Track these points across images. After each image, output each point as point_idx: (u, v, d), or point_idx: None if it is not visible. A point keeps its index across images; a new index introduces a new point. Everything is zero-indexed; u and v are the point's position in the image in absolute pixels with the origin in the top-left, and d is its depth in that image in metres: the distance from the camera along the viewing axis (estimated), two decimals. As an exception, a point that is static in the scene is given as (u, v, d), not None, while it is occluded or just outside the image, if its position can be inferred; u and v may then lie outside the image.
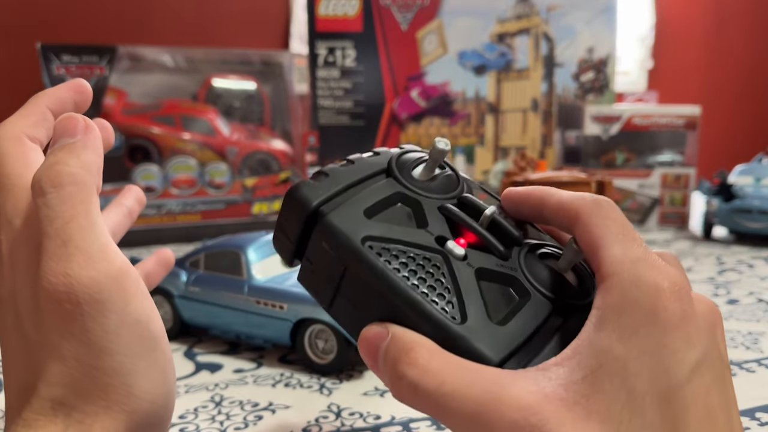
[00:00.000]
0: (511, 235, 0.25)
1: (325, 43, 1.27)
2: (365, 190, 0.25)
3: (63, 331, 0.21)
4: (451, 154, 1.32)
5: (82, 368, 0.21)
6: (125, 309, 0.22)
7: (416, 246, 0.23)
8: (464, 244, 0.24)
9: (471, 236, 0.24)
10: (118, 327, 0.22)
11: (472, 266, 0.23)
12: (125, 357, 0.22)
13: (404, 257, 0.23)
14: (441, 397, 0.19)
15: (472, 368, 0.20)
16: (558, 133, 1.32)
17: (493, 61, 1.29)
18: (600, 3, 1.28)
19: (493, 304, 0.22)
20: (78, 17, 1.55)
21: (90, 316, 0.21)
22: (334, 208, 0.24)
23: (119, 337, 0.22)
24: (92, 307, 0.21)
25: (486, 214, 0.25)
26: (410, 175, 0.26)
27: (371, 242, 0.23)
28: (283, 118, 1.21)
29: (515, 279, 0.23)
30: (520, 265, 0.24)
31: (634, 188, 1.19)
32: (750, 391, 0.47)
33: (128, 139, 1.06)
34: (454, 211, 0.25)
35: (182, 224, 1.09)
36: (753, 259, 0.92)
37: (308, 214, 0.24)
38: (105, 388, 0.22)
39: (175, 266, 0.61)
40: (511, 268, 0.24)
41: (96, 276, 0.22)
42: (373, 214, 0.24)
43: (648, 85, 2.03)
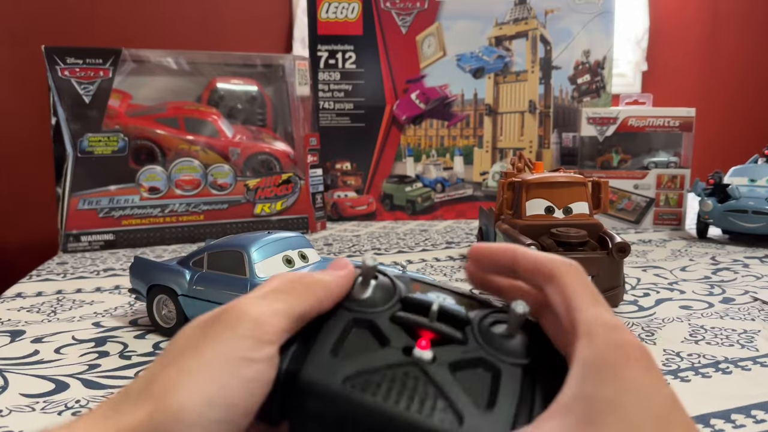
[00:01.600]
0: (460, 318, 0.26)
1: (326, 46, 1.28)
2: (321, 330, 0.26)
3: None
4: (450, 156, 1.34)
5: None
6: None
7: (390, 367, 0.24)
8: (427, 344, 0.25)
9: (428, 334, 0.25)
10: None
11: (443, 363, 0.24)
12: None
13: (386, 383, 0.23)
14: None
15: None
16: (555, 135, 1.33)
17: (491, 63, 1.30)
18: (596, 6, 1.29)
19: (474, 391, 0.24)
20: (82, 20, 1.56)
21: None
22: (302, 363, 0.24)
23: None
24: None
25: (433, 309, 0.26)
26: (352, 298, 0.27)
27: (351, 381, 0.23)
28: (284, 120, 1.23)
29: (482, 359, 0.25)
30: (479, 343, 0.25)
31: (630, 189, 1.20)
32: (745, 390, 0.48)
33: (132, 140, 1.08)
34: (404, 317, 0.26)
35: (186, 224, 1.10)
36: (747, 259, 0.93)
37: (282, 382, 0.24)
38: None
39: (179, 265, 0.62)
40: (474, 349, 0.25)
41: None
42: (338, 351, 0.25)
43: (643, 87, 2.04)
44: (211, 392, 0.22)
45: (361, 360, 0.24)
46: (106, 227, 1.06)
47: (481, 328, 0.26)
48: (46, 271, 0.91)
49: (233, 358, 0.22)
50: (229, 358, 0.22)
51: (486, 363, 0.25)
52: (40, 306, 0.74)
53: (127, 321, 0.67)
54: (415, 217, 1.34)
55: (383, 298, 0.27)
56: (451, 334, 0.25)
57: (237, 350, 0.23)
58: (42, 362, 0.56)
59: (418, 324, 0.25)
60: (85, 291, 0.80)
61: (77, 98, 1.03)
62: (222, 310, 0.24)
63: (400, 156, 1.33)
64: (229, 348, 0.23)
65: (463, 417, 0.22)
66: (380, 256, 0.99)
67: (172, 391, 0.21)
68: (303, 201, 1.18)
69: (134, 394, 0.22)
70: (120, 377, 0.52)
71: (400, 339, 0.25)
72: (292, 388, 0.24)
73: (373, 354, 0.24)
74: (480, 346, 0.25)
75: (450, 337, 0.25)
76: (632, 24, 2.01)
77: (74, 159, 1.03)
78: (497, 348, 0.25)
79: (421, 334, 0.25)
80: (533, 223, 0.71)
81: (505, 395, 0.23)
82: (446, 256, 0.98)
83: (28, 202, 1.54)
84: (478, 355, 0.25)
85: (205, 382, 0.22)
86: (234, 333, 0.23)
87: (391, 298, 0.27)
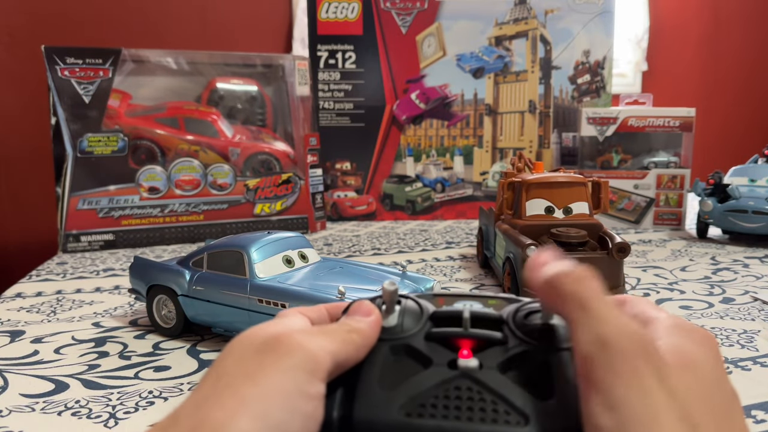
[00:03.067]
0: (494, 319, 0.26)
1: (326, 46, 1.28)
2: (361, 369, 0.25)
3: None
4: (450, 156, 1.34)
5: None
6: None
7: (441, 385, 0.23)
8: (469, 353, 0.24)
9: (467, 343, 0.25)
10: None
11: (491, 367, 0.24)
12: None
13: (441, 401, 0.23)
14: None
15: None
16: (555, 135, 1.33)
17: (491, 63, 1.30)
18: (596, 6, 1.29)
19: (531, 386, 0.23)
20: (82, 20, 1.56)
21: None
22: (352, 405, 0.23)
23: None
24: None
25: (465, 317, 0.25)
26: (383, 328, 0.26)
27: (407, 409, 0.23)
28: (284, 120, 1.23)
29: (527, 352, 0.25)
30: (520, 338, 0.25)
31: (630, 189, 1.20)
32: (746, 390, 0.48)
33: (132, 140, 1.08)
34: (439, 332, 0.25)
35: (185, 224, 1.10)
36: (747, 259, 0.93)
37: (337, 429, 0.23)
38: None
39: (178, 265, 0.62)
40: (516, 345, 0.25)
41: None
42: (385, 383, 0.24)
43: (643, 87, 2.04)
44: (272, 426, 0.20)
45: (410, 386, 0.23)
46: (106, 227, 1.06)
47: (516, 323, 0.26)
48: (45, 271, 0.91)
49: (293, 392, 0.21)
50: (288, 390, 0.21)
51: (533, 355, 0.24)
52: (39, 306, 0.74)
53: (126, 321, 0.67)
54: (415, 217, 1.34)
55: (413, 320, 0.27)
56: (490, 337, 0.25)
57: (296, 383, 0.22)
58: (42, 362, 0.56)
59: (454, 335, 0.25)
60: (85, 291, 0.80)
61: (77, 98, 1.03)
62: (274, 338, 0.23)
63: (400, 156, 1.33)
64: (288, 380, 0.22)
65: (527, 415, 0.22)
66: (380, 256, 0.99)
67: (230, 423, 0.20)
68: (303, 201, 1.18)
69: (185, 422, 0.21)
70: (120, 377, 0.52)
71: (442, 355, 0.25)
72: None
73: (419, 377, 0.24)
74: (521, 341, 0.25)
75: (490, 340, 0.25)
76: (632, 24, 2.01)
77: (74, 159, 1.03)
78: (538, 338, 0.25)
79: (460, 344, 0.25)
80: (533, 223, 0.71)
81: (561, 381, 0.23)
82: (446, 256, 0.98)
83: (27, 202, 1.54)
84: (522, 349, 0.24)
85: (266, 415, 0.20)
86: (292, 364, 0.22)
87: (421, 317, 0.27)
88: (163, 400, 0.48)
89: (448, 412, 0.22)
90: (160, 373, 0.53)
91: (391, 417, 0.23)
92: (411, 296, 0.28)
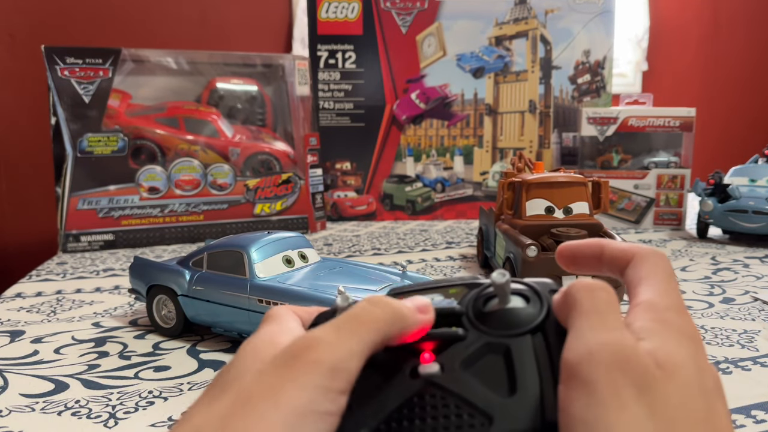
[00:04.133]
0: (454, 313, 0.25)
1: (326, 46, 1.28)
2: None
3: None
4: (450, 156, 1.34)
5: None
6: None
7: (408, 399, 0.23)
8: (430, 356, 0.23)
9: (428, 344, 0.24)
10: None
11: (454, 368, 0.23)
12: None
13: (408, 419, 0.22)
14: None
15: None
16: (555, 135, 1.33)
17: (492, 63, 1.30)
18: (597, 6, 1.29)
19: (494, 381, 0.22)
20: (82, 20, 1.56)
21: None
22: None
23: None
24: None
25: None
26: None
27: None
28: (284, 120, 1.23)
29: (488, 344, 0.24)
30: (480, 329, 0.24)
31: (630, 189, 1.20)
32: (745, 390, 0.48)
33: (132, 140, 1.08)
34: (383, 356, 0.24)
35: (185, 224, 1.10)
36: (748, 259, 0.93)
37: None
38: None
39: (178, 265, 0.62)
40: (477, 338, 0.24)
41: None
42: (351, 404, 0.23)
43: (643, 87, 2.04)
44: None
45: (377, 405, 0.23)
46: (106, 227, 1.06)
47: (475, 312, 0.24)
48: (45, 271, 0.91)
49: (314, 412, 0.21)
50: (310, 411, 0.21)
51: (493, 346, 0.23)
52: (39, 306, 0.74)
53: (126, 321, 0.67)
54: (415, 217, 1.34)
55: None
56: (448, 335, 0.24)
57: (316, 404, 0.21)
58: (42, 362, 0.56)
59: (403, 349, 0.24)
60: (85, 291, 0.80)
61: (77, 98, 1.03)
62: (297, 347, 0.22)
63: (400, 156, 1.33)
64: (308, 400, 0.21)
65: (492, 416, 0.21)
66: (380, 256, 0.99)
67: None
68: (303, 201, 1.18)
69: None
70: (120, 377, 0.52)
71: (403, 363, 0.24)
72: None
73: (385, 393, 0.23)
74: (482, 332, 0.24)
75: (450, 337, 0.24)
76: (632, 24, 2.01)
77: (74, 159, 1.03)
78: (497, 326, 0.24)
79: (422, 347, 0.24)
80: (533, 223, 0.71)
81: (523, 370, 0.22)
82: (446, 256, 0.98)
83: (27, 202, 1.54)
84: (483, 341, 0.23)
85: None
86: (312, 382, 0.21)
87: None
88: (163, 400, 0.48)
89: (414, 427, 0.22)
90: (160, 373, 0.53)
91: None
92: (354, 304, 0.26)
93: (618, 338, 0.21)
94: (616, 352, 0.20)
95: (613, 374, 0.20)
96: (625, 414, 0.19)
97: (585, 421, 0.19)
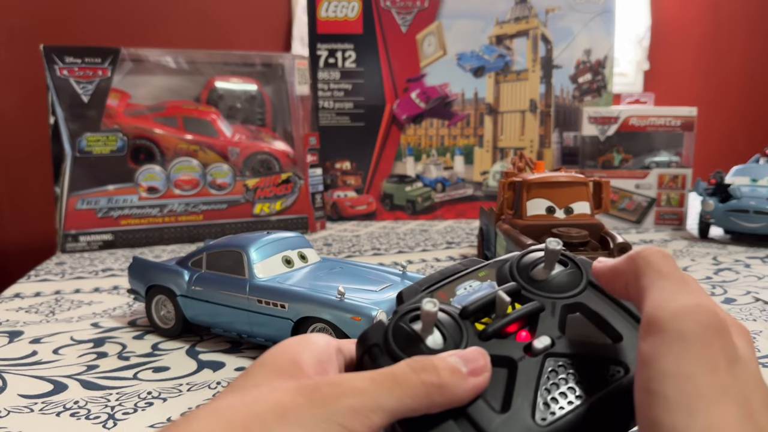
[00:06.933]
0: (514, 292, 0.27)
1: (326, 45, 1.28)
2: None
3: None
4: (450, 155, 1.34)
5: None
6: None
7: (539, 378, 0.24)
8: (527, 334, 0.25)
9: (513, 326, 0.26)
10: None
11: (556, 336, 0.25)
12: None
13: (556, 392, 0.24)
14: None
15: None
16: (556, 134, 1.33)
17: (492, 62, 1.30)
18: (598, 5, 1.29)
19: (594, 333, 0.26)
20: (81, 19, 1.56)
21: None
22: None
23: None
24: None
25: (503, 299, 0.25)
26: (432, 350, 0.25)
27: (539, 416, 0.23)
28: (284, 120, 1.22)
29: (569, 305, 0.26)
30: (552, 297, 0.26)
31: (631, 188, 1.20)
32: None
33: (131, 140, 1.07)
34: (490, 331, 0.25)
35: (184, 224, 1.10)
36: (749, 259, 0.93)
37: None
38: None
39: (177, 266, 0.62)
40: (554, 306, 0.26)
41: None
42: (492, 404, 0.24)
43: (644, 86, 2.04)
44: None
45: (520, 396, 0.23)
46: (105, 227, 1.05)
47: (531, 284, 0.27)
48: (44, 271, 0.91)
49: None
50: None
51: (570, 307, 0.26)
52: (38, 306, 0.73)
53: (125, 321, 0.67)
54: (415, 217, 1.33)
55: (456, 331, 0.25)
56: (532, 310, 0.26)
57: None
58: (40, 363, 0.55)
59: (503, 326, 0.25)
60: (84, 291, 0.80)
61: (76, 98, 1.03)
62: (328, 381, 0.22)
63: (400, 155, 1.33)
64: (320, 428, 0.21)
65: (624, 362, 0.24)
66: (380, 256, 0.98)
67: None
68: (302, 201, 1.18)
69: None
70: (119, 378, 0.52)
71: (509, 349, 0.25)
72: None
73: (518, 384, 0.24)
74: (553, 299, 0.26)
75: (534, 311, 0.26)
76: (633, 23, 2.01)
77: (73, 159, 1.03)
78: (559, 290, 0.27)
79: (508, 331, 0.25)
80: (534, 223, 0.70)
81: (613, 318, 0.25)
82: (446, 256, 0.98)
83: (26, 202, 1.54)
84: (560, 305, 0.26)
85: None
86: (329, 415, 0.21)
87: (458, 324, 0.26)
88: (162, 401, 0.47)
89: (568, 396, 0.23)
90: (159, 374, 0.53)
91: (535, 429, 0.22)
92: (442, 308, 0.26)
93: (711, 305, 0.22)
94: (712, 317, 0.21)
95: (709, 336, 0.21)
96: (716, 377, 0.20)
97: (676, 374, 0.20)
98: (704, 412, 0.19)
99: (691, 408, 0.19)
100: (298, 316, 0.52)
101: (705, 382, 0.20)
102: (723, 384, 0.20)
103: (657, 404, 0.20)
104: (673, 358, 0.20)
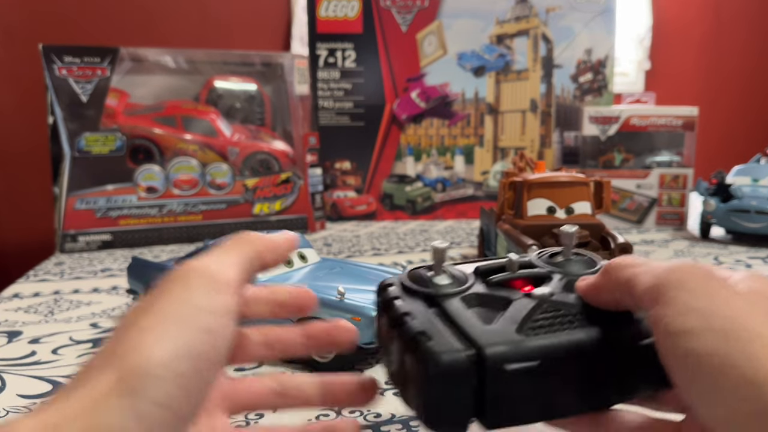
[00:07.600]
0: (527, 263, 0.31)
1: (326, 45, 1.27)
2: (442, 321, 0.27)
3: None
4: (451, 155, 1.33)
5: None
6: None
7: (532, 310, 0.27)
8: (531, 287, 0.29)
9: (520, 283, 0.29)
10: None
11: (558, 291, 0.28)
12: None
13: (542, 322, 0.26)
14: None
15: None
16: (556, 134, 1.33)
17: (492, 62, 1.30)
18: (598, 4, 1.29)
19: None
20: (80, 18, 1.56)
21: None
22: (492, 342, 0.25)
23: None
24: None
25: (514, 260, 0.30)
26: (438, 285, 0.29)
27: (523, 332, 0.26)
28: (283, 119, 1.22)
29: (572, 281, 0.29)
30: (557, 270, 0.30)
31: (632, 188, 1.19)
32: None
33: (130, 139, 1.07)
34: (499, 278, 0.29)
35: (184, 224, 1.10)
36: (750, 259, 0.93)
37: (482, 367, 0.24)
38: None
39: (177, 266, 0.61)
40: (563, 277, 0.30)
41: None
42: (482, 323, 0.27)
43: (646, 86, 2.04)
44: (176, 345, 0.22)
45: (510, 318, 0.26)
46: (104, 227, 1.05)
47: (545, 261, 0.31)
48: (43, 271, 0.91)
49: (189, 310, 0.23)
50: (185, 310, 0.23)
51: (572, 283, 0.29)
52: (37, 306, 0.73)
53: (124, 322, 0.66)
54: (415, 217, 1.33)
55: (463, 277, 0.30)
56: (541, 273, 0.30)
57: (192, 302, 0.24)
58: (39, 363, 0.55)
59: (511, 278, 0.29)
60: (83, 291, 0.79)
61: (74, 97, 1.03)
62: (173, 272, 0.25)
63: (400, 155, 1.32)
64: (184, 301, 0.24)
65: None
66: (380, 256, 0.98)
67: (136, 350, 0.22)
68: (302, 201, 1.17)
69: (97, 365, 0.22)
70: (116, 380, 0.52)
71: (512, 294, 0.28)
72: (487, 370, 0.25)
73: (512, 311, 0.27)
74: (562, 273, 0.29)
75: (542, 275, 0.30)
76: (635, 22, 2.01)
77: (71, 158, 1.03)
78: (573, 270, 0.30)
79: (515, 286, 0.29)
80: (535, 223, 0.70)
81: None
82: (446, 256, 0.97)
83: (24, 201, 1.53)
84: (566, 280, 0.29)
85: (168, 336, 0.22)
86: (186, 286, 0.24)
87: (466, 275, 0.30)
88: (160, 403, 0.47)
89: (553, 327, 0.26)
90: (157, 375, 0.52)
91: (516, 339, 0.25)
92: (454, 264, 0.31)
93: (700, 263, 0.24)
94: (695, 263, 0.24)
95: (708, 280, 0.23)
96: (732, 301, 0.22)
97: (691, 309, 0.22)
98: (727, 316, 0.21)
99: (716, 327, 0.21)
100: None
101: (723, 305, 0.21)
102: (741, 304, 0.22)
103: (685, 339, 0.21)
104: (683, 299, 0.22)
